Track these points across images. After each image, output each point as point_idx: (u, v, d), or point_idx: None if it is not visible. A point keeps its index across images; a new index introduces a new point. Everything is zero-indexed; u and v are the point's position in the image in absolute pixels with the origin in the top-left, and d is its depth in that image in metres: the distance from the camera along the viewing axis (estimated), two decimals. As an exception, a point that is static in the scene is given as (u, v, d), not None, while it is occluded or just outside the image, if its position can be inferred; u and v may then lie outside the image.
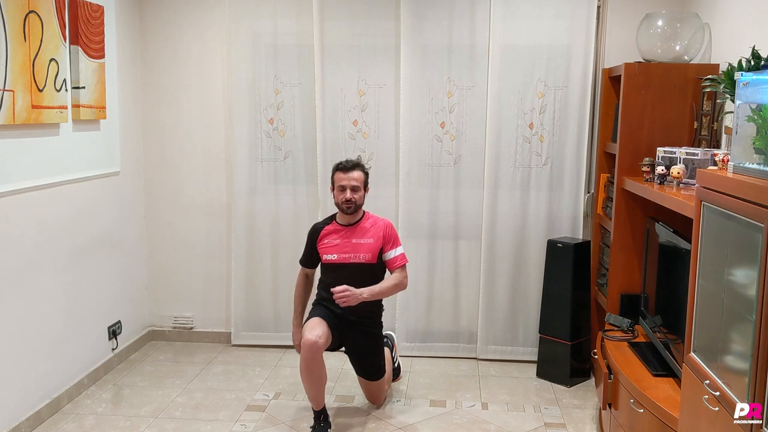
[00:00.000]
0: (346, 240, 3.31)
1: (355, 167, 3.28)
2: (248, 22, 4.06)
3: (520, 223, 4.03)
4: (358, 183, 3.26)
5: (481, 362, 4.12)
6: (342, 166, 3.29)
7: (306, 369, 3.10)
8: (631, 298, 3.47)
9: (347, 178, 3.25)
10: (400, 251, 3.34)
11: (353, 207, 3.26)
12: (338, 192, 3.28)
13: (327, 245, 3.33)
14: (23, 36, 2.99)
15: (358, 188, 3.26)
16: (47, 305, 3.34)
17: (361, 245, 3.29)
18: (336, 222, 3.36)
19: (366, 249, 3.29)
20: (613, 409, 2.94)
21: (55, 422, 3.29)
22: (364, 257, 3.28)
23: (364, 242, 3.29)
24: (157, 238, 4.37)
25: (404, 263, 3.34)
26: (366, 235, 3.31)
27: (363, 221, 3.34)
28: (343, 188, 3.25)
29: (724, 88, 2.68)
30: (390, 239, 3.32)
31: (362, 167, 3.32)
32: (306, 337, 3.08)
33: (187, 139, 4.27)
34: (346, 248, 3.30)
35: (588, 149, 3.95)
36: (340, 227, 3.34)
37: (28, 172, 3.14)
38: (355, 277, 3.24)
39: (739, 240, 1.85)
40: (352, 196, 3.24)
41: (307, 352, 3.07)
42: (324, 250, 3.34)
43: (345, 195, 3.25)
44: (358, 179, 3.26)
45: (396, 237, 3.35)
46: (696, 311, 2.12)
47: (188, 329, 4.43)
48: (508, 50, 3.91)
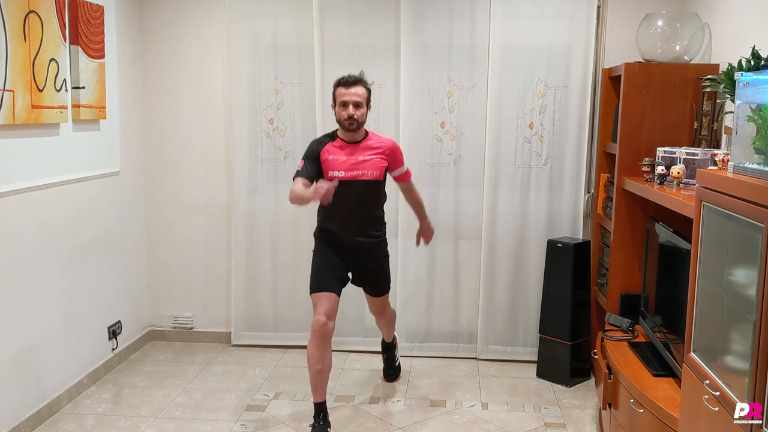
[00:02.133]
0: (353, 156, 3.20)
1: (357, 82, 3.16)
2: (248, 22, 4.06)
3: (520, 223, 4.03)
4: (360, 99, 3.14)
5: (481, 362, 4.12)
6: (344, 81, 3.15)
7: (314, 350, 3.10)
8: (631, 298, 3.47)
9: (349, 94, 3.13)
10: (407, 167, 3.37)
11: (356, 123, 3.15)
12: (340, 108, 3.16)
13: (332, 161, 3.20)
14: (23, 36, 2.99)
15: (361, 104, 3.14)
16: (47, 305, 3.34)
17: (367, 162, 3.20)
18: (340, 139, 3.24)
19: (373, 166, 3.20)
20: (613, 409, 2.94)
21: (55, 422, 3.29)
22: (371, 174, 3.20)
23: (371, 159, 3.21)
24: (157, 238, 4.37)
25: (410, 178, 3.42)
26: (372, 152, 3.22)
27: (368, 139, 3.25)
28: (345, 104, 3.12)
29: (724, 88, 2.68)
30: (396, 157, 3.29)
31: (365, 83, 3.20)
32: (316, 317, 3.09)
33: (187, 139, 4.27)
34: (353, 165, 3.19)
35: (588, 149, 3.95)
36: (345, 144, 3.22)
37: (28, 172, 3.14)
38: (361, 194, 3.20)
39: (739, 240, 1.85)
40: (355, 112, 3.12)
41: (316, 334, 3.08)
42: (330, 166, 3.19)
43: (347, 111, 3.12)
44: (360, 95, 3.14)
45: (401, 154, 3.33)
46: (696, 311, 2.12)
47: (188, 329, 4.43)
48: (508, 50, 3.91)
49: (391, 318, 3.66)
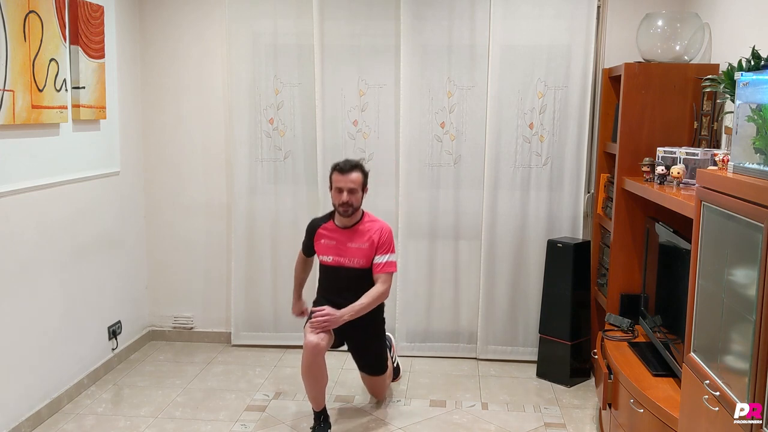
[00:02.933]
0: (342, 243, 3.27)
1: (353, 169, 3.20)
2: (248, 22, 4.06)
3: (520, 223, 4.03)
4: (355, 185, 3.18)
5: (481, 362, 4.12)
6: (339, 168, 3.21)
7: (307, 370, 3.10)
8: (631, 298, 3.47)
9: (344, 181, 3.18)
10: (389, 258, 3.24)
11: (350, 210, 3.20)
12: (335, 194, 3.22)
13: (323, 245, 3.31)
14: (23, 36, 2.99)
15: (356, 191, 3.18)
16: (47, 305, 3.34)
17: (355, 250, 3.25)
18: (333, 222, 3.32)
19: (360, 254, 3.24)
20: (613, 409, 2.94)
21: (55, 422, 3.29)
22: (357, 262, 3.25)
23: (358, 247, 3.25)
24: (157, 238, 4.37)
25: (389, 270, 3.23)
26: (361, 239, 3.25)
27: (361, 224, 3.28)
28: (340, 190, 3.19)
29: (724, 88, 2.68)
30: (383, 245, 3.23)
31: (361, 168, 3.24)
32: (308, 338, 3.08)
33: (187, 139, 4.27)
34: (341, 251, 3.26)
35: (588, 149, 3.95)
36: (336, 228, 3.30)
37: (28, 172, 3.14)
38: (350, 280, 3.24)
39: (739, 240, 1.85)
40: (349, 198, 3.17)
41: (309, 353, 3.07)
42: (320, 250, 3.33)
43: (342, 198, 3.18)
44: (355, 181, 3.18)
45: (389, 243, 3.26)
46: (696, 311, 2.12)
47: (188, 329, 4.43)
48: (508, 50, 3.91)
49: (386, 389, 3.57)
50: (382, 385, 3.47)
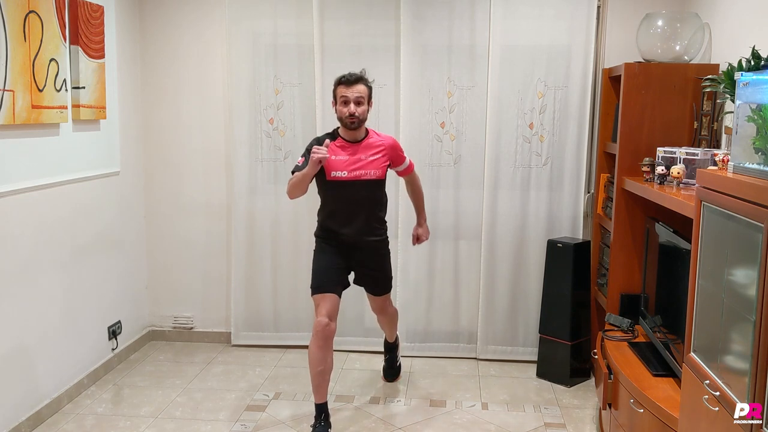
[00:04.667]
0: (355, 156, 3.20)
1: (358, 80, 3.14)
2: (248, 22, 4.06)
3: (520, 223, 4.03)
4: (361, 96, 3.13)
5: (481, 362, 4.12)
6: (345, 80, 3.13)
7: (316, 350, 3.09)
8: (631, 298, 3.47)
9: (350, 92, 3.10)
10: (409, 160, 3.40)
11: (357, 122, 3.14)
12: (341, 106, 3.14)
13: (334, 162, 3.18)
14: (23, 36, 2.99)
15: (362, 101, 3.13)
16: (47, 305, 3.34)
17: (370, 162, 3.20)
18: (341, 138, 3.24)
19: (376, 165, 3.21)
20: (613, 409, 2.94)
21: (55, 422, 3.29)
22: (374, 173, 3.21)
23: (373, 158, 3.21)
24: (157, 238, 4.37)
25: (413, 170, 3.45)
26: (374, 151, 3.22)
27: (369, 137, 3.25)
28: (347, 102, 3.11)
29: (724, 88, 2.68)
30: (399, 150, 3.32)
31: (365, 80, 3.18)
32: (318, 318, 3.09)
33: (187, 139, 4.27)
34: (355, 165, 3.19)
35: (588, 149, 3.95)
36: (346, 143, 3.22)
37: (28, 172, 3.14)
38: (363, 193, 3.21)
39: (739, 240, 1.85)
40: (356, 110, 3.11)
41: (319, 335, 3.07)
42: (332, 166, 3.18)
43: (349, 109, 3.11)
44: (361, 92, 3.12)
45: (402, 150, 3.36)
46: (696, 311, 2.12)
47: (188, 329, 4.43)
48: (508, 50, 3.91)
49: (393, 317, 3.66)
50: (386, 302, 3.53)
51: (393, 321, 3.67)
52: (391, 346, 3.77)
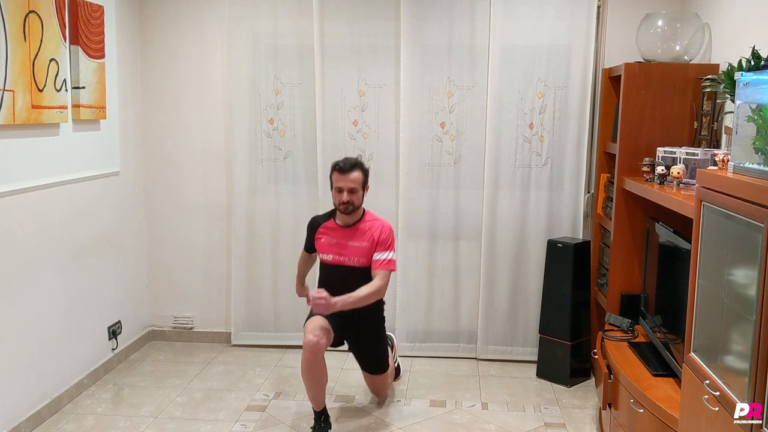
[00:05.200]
0: (343, 241, 3.27)
1: (353, 168, 3.19)
2: (248, 23, 4.06)
3: (520, 223, 4.03)
4: (355, 185, 3.18)
5: (481, 362, 4.12)
6: (339, 167, 3.20)
7: (307, 369, 3.10)
8: (631, 298, 3.47)
9: (344, 180, 3.18)
10: (389, 256, 3.22)
11: (350, 208, 3.21)
12: (336, 193, 3.22)
13: (324, 244, 3.32)
14: (23, 36, 2.99)
15: (356, 190, 3.19)
16: (47, 305, 3.34)
17: (355, 248, 3.25)
18: (334, 221, 3.32)
19: (360, 253, 3.25)
20: (613, 409, 2.94)
21: (55, 422, 3.29)
22: (357, 261, 3.25)
23: (358, 246, 3.25)
24: (157, 238, 4.37)
25: (388, 269, 3.21)
26: (362, 238, 3.25)
27: (362, 222, 3.29)
28: (341, 190, 3.19)
29: (724, 88, 2.68)
30: (383, 243, 3.23)
31: (361, 166, 3.23)
32: (307, 337, 3.08)
33: (187, 139, 4.27)
34: (341, 250, 3.27)
35: (588, 149, 3.95)
36: (337, 227, 3.31)
37: (28, 172, 3.14)
38: (350, 279, 3.23)
39: (739, 240, 1.85)
40: (350, 198, 3.18)
41: (309, 352, 3.06)
42: (320, 249, 3.33)
43: (342, 197, 3.19)
44: (355, 180, 3.18)
45: (389, 241, 3.25)
46: (696, 311, 2.12)
47: (188, 329, 4.43)
48: (508, 50, 3.91)
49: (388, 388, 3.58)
50: (383, 384, 3.47)
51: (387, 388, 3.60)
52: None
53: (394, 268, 3.27)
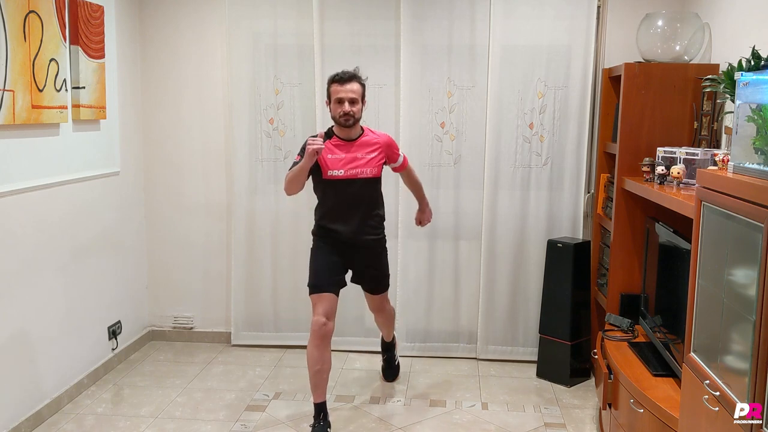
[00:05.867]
0: (351, 155, 3.20)
1: (352, 78, 3.14)
2: (248, 23, 4.06)
3: (520, 223, 4.03)
4: (355, 95, 3.13)
5: (481, 362, 4.12)
6: (338, 78, 3.13)
7: (313, 351, 3.10)
8: (631, 298, 3.47)
9: (344, 90, 3.12)
10: (404, 154, 3.42)
11: (352, 120, 3.14)
12: (335, 105, 3.15)
13: (331, 160, 3.19)
14: (23, 36, 2.99)
15: (356, 100, 3.13)
16: (47, 305, 3.34)
17: (365, 160, 3.21)
18: (336, 136, 3.23)
19: (372, 163, 3.22)
20: (613, 409, 2.94)
21: (55, 422, 3.29)
22: (371, 171, 3.22)
23: (369, 157, 3.22)
24: (157, 238, 4.37)
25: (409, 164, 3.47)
26: (369, 149, 3.23)
27: (364, 135, 3.25)
28: (341, 101, 3.11)
29: (724, 88, 2.68)
30: (394, 146, 3.34)
31: (359, 78, 3.19)
32: (315, 317, 3.09)
33: (187, 139, 4.27)
34: (351, 163, 3.19)
35: (588, 149, 3.95)
36: (341, 142, 3.22)
37: (28, 172, 3.14)
38: (360, 192, 3.21)
39: (739, 240, 1.85)
40: (351, 109, 3.12)
41: (316, 335, 3.08)
42: (328, 165, 3.18)
43: (343, 108, 3.12)
44: (355, 91, 3.13)
45: (396, 147, 3.37)
46: (696, 311, 2.12)
47: (188, 329, 4.43)
48: (508, 50, 3.91)
49: (390, 316, 3.66)
50: (383, 301, 3.52)
51: (390, 320, 3.67)
52: (388, 345, 3.77)
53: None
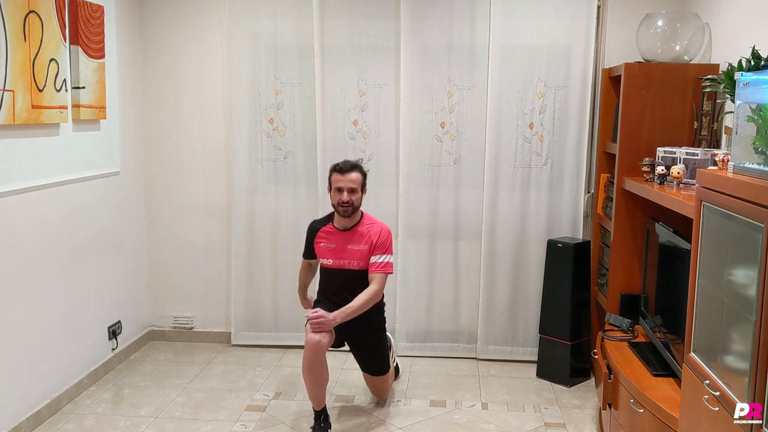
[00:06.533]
0: (342, 245, 3.28)
1: (352, 169, 3.23)
2: (248, 23, 4.06)
3: (520, 223, 4.03)
4: (355, 185, 3.21)
5: (481, 362, 4.12)
6: (339, 168, 3.24)
7: (309, 368, 3.10)
8: (631, 298, 3.47)
9: (344, 180, 3.21)
10: (386, 259, 3.24)
11: (350, 209, 3.22)
12: (335, 194, 3.24)
13: (323, 248, 3.33)
14: (23, 36, 2.99)
15: (356, 190, 3.22)
16: (47, 305, 3.34)
17: (354, 252, 3.26)
18: (333, 224, 3.33)
19: (358, 256, 3.26)
20: (613, 409, 2.94)
21: (55, 422, 3.29)
22: (357, 264, 3.26)
23: (357, 249, 3.26)
24: (157, 238, 4.37)
25: (384, 272, 3.23)
26: (360, 241, 3.27)
27: (360, 225, 3.29)
28: (340, 190, 3.21)
29: (724, 88, 2.68)
30: (381, 246, 3.24)
31: (360, 168, 3.27)
32: (309, 336, 3.08)
33: (187, 139, 4.27)
34: (340, 254, 3.28)
35: (588, 149, 3.95)
36: (336, 231, 3.31)
37: (28, 172, 3.14)
38: (349, 282, 3.26)
39: (739, 240, 1.85)
40: (349, 198, 3.20)
41: (310, 351, 3.07)
42: (320, 253, 3.34)
43: (341, 197, 3.20)
44: (355, 181, 3.21)
45: (387, 244, 3.26)
46: (696, 311, 2.12)
47: (188, 329, 4.43)
48: (508, 50, 3.91)
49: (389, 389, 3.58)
50: (384, 385, 3.48)
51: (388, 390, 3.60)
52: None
53: (391, 270, 3.29)
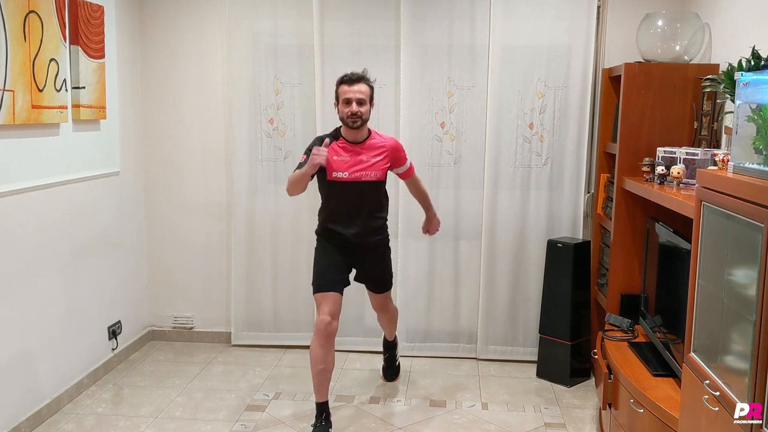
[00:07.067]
0: (356, 157, 3.20)
1: (360, 79, 3.16)
2: (248, 23, 4.06)
3: (520, 223, 4.03)
4: (363, 96, 3.14)
5: (481, 362, 4.12)
6: (347, 79, 3.14)
7: (317, 350, 3.09)
8: (631, 298, 3.47)
9: (352, 91, 3.13)
10: (410, 163, 3.42)
11: (359, 121, 3.14)
12: (343, 106, 3.15)
13: (336, 162, 3.19)
14: (23, 36, 2.99)
15: (364, 101, 3.14)
16: (47, 305, 3.34)
17: (370, 163, 3.21)
18: (343, 138, 3.24)
19: (377, 167, 3.22)
20: (613, 409, 2.94)
21: (55, 422, 3.29)
22: (375, 175, 3.22)
23: (374, 160, 3.22)
24: (157, 238, 4.37)
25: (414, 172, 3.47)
26: (375, 152, 3.23)
27: (371, 138, 3.25)
28: (349, 101, 3.11)
29: (724, 88, 2.68)
30: (400, 151, 3.32)
31: (367, 80, 3.20)
32: (319, 316, 3.09)
33: (187, 139, 4.27)
34: (356, 166, 3.20)
35: (588, 149, 3.95)
36: (348, 144, 3.22)
37: (28, 172, 3.14)
38: (364, 194, 3.21)
39: (739, 240, 1.85)
40: (358, 109, 3.12)
41: (321, 334, 3.07)
42: (333, 166, 3.19)
43: (351, 108, 3.12)
44: (363, 92, 3.14)
45: (404, 152, 3.37)
46: (696, 311, 2.12)
47: (188, 329, 4.43)
48: (508, 50, 3.91)
49: (393, 315, 3.66)
50: (386, 300, 3.54)
51: (393, 319, 3.67)
52: (390, 344, 3.77)
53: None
